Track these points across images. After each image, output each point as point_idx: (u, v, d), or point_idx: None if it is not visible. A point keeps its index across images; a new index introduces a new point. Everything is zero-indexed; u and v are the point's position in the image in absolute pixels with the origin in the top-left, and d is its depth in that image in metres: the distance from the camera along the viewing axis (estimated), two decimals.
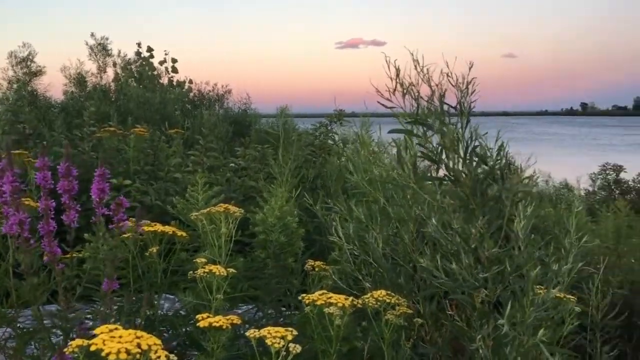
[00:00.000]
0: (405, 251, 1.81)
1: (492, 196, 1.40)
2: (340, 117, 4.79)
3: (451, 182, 1.56)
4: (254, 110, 9.06)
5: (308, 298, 1.35)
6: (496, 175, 1.45)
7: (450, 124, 1.64)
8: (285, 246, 1.96)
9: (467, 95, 1.66)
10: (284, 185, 2.61)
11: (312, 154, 4.42)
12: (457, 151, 1.58)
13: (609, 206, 4.86)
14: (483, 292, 1.36)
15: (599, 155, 26.00)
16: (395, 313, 1.41)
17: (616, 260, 3.77)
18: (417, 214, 1.70)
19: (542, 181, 12.51)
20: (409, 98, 1.74)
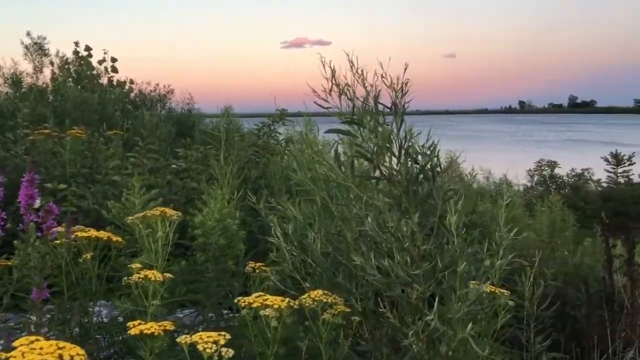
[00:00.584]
0: (347, 250, 1.82)
1: (424, 194, 1.43)
2: (283, 117, 4.79)
3: (386, 181, 1.59)
4: (197, 111, 8.95)
5: (244, 301, 1.35)
6: (428, 174, 1.48)
7: (385, 124, 1.67)
8: (226, 249, 1.94)
9: (401, 96, 1.69)
10: (225, 187, 2.59)
11: (255, 154, 4.40)
12: (392, 150, 1.60)
13: (543, 201, 5.07)
14: (416, 289, 1.39)
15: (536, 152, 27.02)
16: (333, 312, 1.42)
17: (550, 253, 3.93)
18: (355, 213, 1.72)
19: (483, 177, 12.91)
20: (345, 98, 1.76)
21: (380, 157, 1.61)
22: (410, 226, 1.38)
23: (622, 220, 5.10)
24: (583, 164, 11.08)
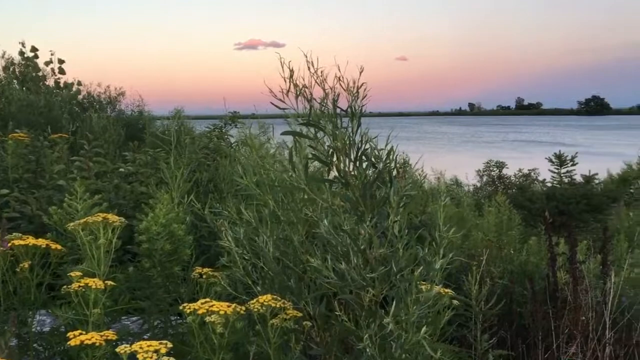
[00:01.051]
0: (295, 254, 1.81)
1: (381, 199, 1.43)
2: (234, 119, 4.73)
3: (342, 185, 1.58)
4: (148, 113, 8.78)
5: (189, 307, 1.32)
6: (385, 179, 1.49)
7: (342, 127, 1.67)
8: (172, 254, 1.90)
9: (357, 99, 1.69)
10: (175, 191, 2.54)
11: (207, 157, 4.33)
12: (348, 154, 1.60)
13: (491, 201, 5.19)
14: (370, 292, 1.39)
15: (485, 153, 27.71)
16: (283, 317, 1.41)
17: (498, 251, 4.02)
18: (307, 216, 1.71)
19: (434, 178, 13.14)
20: (302, 100, 1.75)
21: (336, 160, 1.61)
22: (367, 229, 1.38)
23: (565, 219, 5.27)
24: (530, 165, 11.43)
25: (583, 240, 4.27)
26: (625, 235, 5.32)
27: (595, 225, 5.94)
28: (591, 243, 3.86)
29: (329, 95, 1.54)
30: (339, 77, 1.55)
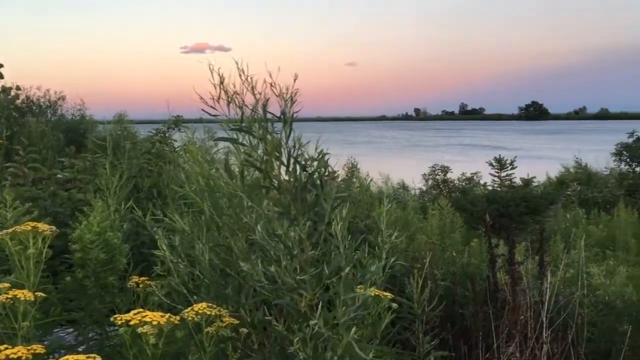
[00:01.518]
0: (236, 261, 1.79)
1: (312, 202, 1.44)
2: (178, 124, 4.65)
3: (276, 190, 1.58)
4: (90, 117, 8.54)
5: (120, 318, 1.28)
6: (316, 182, 1.49)
7: (274, 133, 1.67)
8: (107, 263, 1.84)
9: (290, 105, 1.69)
10: (112, 197, 2.47)
11: (149, 162, 4.23)
12: (280, 159, 1.60)
13: (434, 204, 5.30)
14: (304, 296, 1.39)
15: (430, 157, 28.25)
16: (219, 324, 1.39)
17: (441, 254, 4.10)
18: (244, 223, 1.69)
19: (382, 182, 13.29)
20: (234, 106, 1.74)
21: (269, 166, 1.60)
22: (298, 233, 1.38)
23: (505, 221, 5.44)
24: (473, 168, 11.71)
25: (522, 242, 4.41)
26: (562, 236, 5.55)
27: (535, 227, 6.15)
28: (529, 244, 4.00)
29: (260, 101, 1.54)
30: (270, 83, 1.55)
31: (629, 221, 6.85)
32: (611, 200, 10.44)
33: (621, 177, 12.01)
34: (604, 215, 8.10)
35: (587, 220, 7.72)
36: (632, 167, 12.09)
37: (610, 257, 5.40)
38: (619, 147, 12.24)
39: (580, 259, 3.63)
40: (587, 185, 11.60)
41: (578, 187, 11.16)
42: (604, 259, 5.40)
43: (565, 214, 8.00)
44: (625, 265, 4.75)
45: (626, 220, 6.77)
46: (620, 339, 3.17)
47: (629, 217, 7.12)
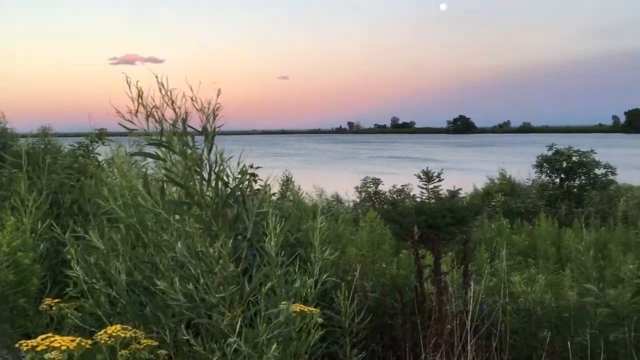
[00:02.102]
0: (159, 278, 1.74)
1: (233, 217, 1.41)
2: (102, 137, 4.48)
3: (196, 205, 1.55)
4: (11, 130, 8.08)
5: (26, 344, 1.21)
6: (238, 197, 1.47)
7: (195, 147, 1.64)
8: (17, 285, 1.74)
9: (212, 119, 1.67)
10: (26, 216, 2.34)
11: (70, 177, 4.05)
12: (201, 174, 1.57)
13: (365, 217, 5.35)
14: (226, 314, 1.36)
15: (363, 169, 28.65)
16: (135, 347, 1.34)
17: (371, 266, 4.15)
18: (165, 239, 1.65)
19: (316, 195, 13.34)
20: (153, 120, 1.70)
21: (189, 181, 1.57)
22: (218, 249, 1.35)
23: (434, 232, 5.57)
24: (404, 180, 11.95)
25: (448, 252, 4.52)
26: (487, 246, 5.74)
27: (461, 237, 6.33)
28: (454, 254, 4.10)
29: (179, 116, 1.51)
30: (191, 97, 1.52)
31: (549, 230, 7.17)
32: (533, 211, 10.93)
33: (542, 188, 12.59)
34: (527, 225, 8.46)
35: (511, 229, 8.03)
36: (552, 178, 12.70)
37: (531, 265, 5.63)
38: (540, 159, 12.82)
39: (503, 268, 3.76)
40: (511, 196, 12.09)
41: (502, 198, 11.62)
42: (526, 267, 5.62)
43: (490, 224, 8.29)
44: (545, 273, 4.96)
45: (546, 230, 7.09)
46: (540, 345, 3.29)
47: (549, 226, 7.46)
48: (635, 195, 10.64)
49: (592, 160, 12.24)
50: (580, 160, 12.23)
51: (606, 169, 12.26)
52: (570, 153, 12.41)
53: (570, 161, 12.32)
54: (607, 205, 10.75)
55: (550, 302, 3.62)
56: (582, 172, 12.27)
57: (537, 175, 13.02)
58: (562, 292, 3.97)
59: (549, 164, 12.57)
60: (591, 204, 11.06)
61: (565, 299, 3.59)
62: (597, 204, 10.98)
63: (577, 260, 4.63)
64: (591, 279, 3.95)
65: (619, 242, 6.59)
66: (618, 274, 4.50)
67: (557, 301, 3.67)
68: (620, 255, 5.46)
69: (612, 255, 5.64)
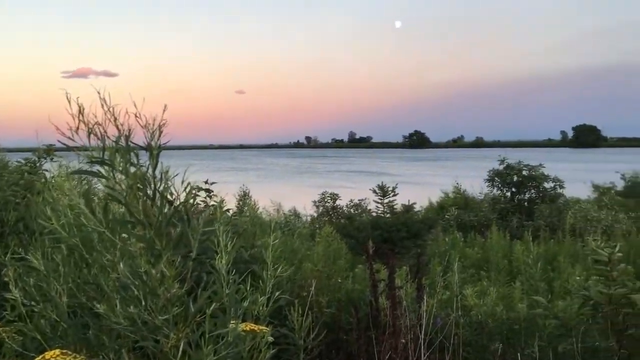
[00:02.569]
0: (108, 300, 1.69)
1: (177, 236, 1.38)
2: (50, 153, 4.35)
3: (139, 224, 1.51)
4: None
5: None
6: (182, 216, 1.44)
7: (139, 165, 1.60)
8: None
9: (157, 136, 1.63)
10: None
11: (16, 194, 3.91)
12: (145, 192, 1.53)
13: (321, 231, 5.36)
14: (172, 337, 1.33)
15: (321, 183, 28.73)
16: None
17: (326, 281, 4.14)
18: (108, 260, 1.60)
19: (273, 209, 13.30)
20: (95, 138, 1.65)
21: (132, 200, 1.53)
22: (161, 269, 1.31)
23: (389, 246, 5.61)
24: (361, 194, 12.05)
25: (403, 266, 4.56)
26: (440, 259, 5.82)
27: (416, 251, 6.40)
28: (408, 268, 4.14)
29: (122, 133, 1.47)
30: (135, 114, 1.49)
31: (501, 243, 7.33)
32: (485, 224, 11.18)
33: (494, 201, 12.89)
34: (479, 238, 8.63)
35: (464, 243, 8.18)
36: (504, 192, 13.02)
37: (484, 278, 5.73)
38: (492, 173, 13.14)
39: (455, 281, 3.82)
40: (464, 210, 12.34)
41: (456, 212, 11.84)
42: (478, 280, 5.72)
43: (445, 237, 8.43)
44: (497, 285, 5.06)
45: (498, 243, 7.24)
46: (492, 357, 3.35)
47: (501, 239, 7.63)
48: (582, 208, 11.01)
49: (541, 174, 12.61)
50: (530, 174, 12.58)
51: (555, 182, 12.65)
52: (520, 167, 12.75)
53: (520, 175, 12.66)
54: (556, 218, 11.07)
55: (501, 314, 3.69)
56: (532, 185, 12.62)
57: (489, 189, 13.32)
58: (512, 304, 4.06)
59: (501, 178, 12.89)
60: (541, 217, 11.37)
61: (516, 311, 3.66)
62: (546, 216, 11.30)
63: (527, 272, 4.74)
64: (540, 291, 4.04)
65: (567, 254, 6.78)
66: (566, 286, 4.62)
67: (508, 313, 3.75)
68: (569, 267, 5.61)
69: (561, 267, 5.80)
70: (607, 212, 10.91)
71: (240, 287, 1.67)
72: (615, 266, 3.15)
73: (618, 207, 12.08)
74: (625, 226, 10.00)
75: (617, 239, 7.97)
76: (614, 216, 10.68)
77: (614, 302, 3.07)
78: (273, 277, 1.90)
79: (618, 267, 3.17)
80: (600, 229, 9.47)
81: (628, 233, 9.04)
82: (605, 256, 3.14)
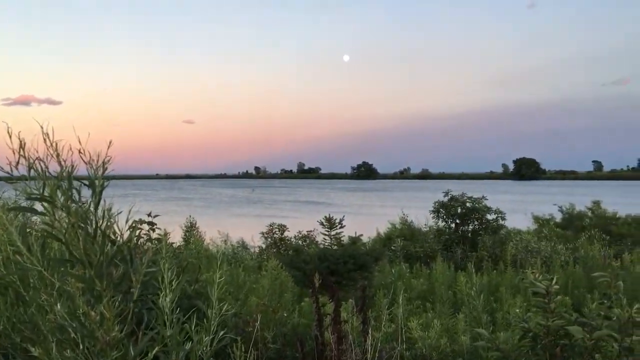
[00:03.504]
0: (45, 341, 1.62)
1: (119, 277, 1.35)
2: None
3: (80, 264, 1.47)
4: None
5: None
6: (125, 256, 1.42)
7: (80, 202, 1.57)
8: None
9: (102, 172, 1.61)
10: None
11: None
12: (86, 230, 1.50)
13: (267, 264, 5.32)
14: None
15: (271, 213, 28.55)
16: None
17: (272, 315, 4.10)
18: (45, 299, 1.54)
19: (220, 241, 13.10)
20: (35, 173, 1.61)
21: (72, 238, 1.49)
22: (101, 311, 1.28)
23: (336, 278, 5.62)
24: (310, 225, 12.03)
25: (349, 299, 4.57)
26: (386, 291, 5.86)
27: (363, 283, 6.42)
28: (354, 301, 4.15)
29: (65, 169, 1.44)
30: (79, 149, 1.47)
31: (446, 274, 7.45)
32: (431, 255, 11.37)
33: (439, 232, 13.14)
34: (425, 269, 8.76)
35: (410, 274, 8.28)
36: (448, 223, 13.29)
37: (429, 309, 5.80)
38: (437, 205, 13.41)
39: (400, 314, 3.85)
40: (410, 241, 12.51)
41: (402, 243, 11.99)
42: (424, 311, 5.79)
43: (391, 268, 8.51)
44: (442, 317, 5.13)
45: (443, 274, 7.36)
46: None
47: (446, 270, 7.76)
48: (523, 239, 11.35)
49: (484, 206, 12.96)
50: (473, 206, 12.91)
51: (497, 214, 13.02)
52: (464, 199, 13.08)
53: (464, 207, 12.97)
54: (498, 249, 11.37)
55: (445, 347, 3.75)
56: (475, 217, 12.95)
57: (435, 220, 13.57)
58: (456, 336, 4.12)
59: (445, 209, 13.16)
60: (484, 248, 11.65)
61: (459, 344, 3.72)
62: (489, 247, 11.59)
63: (470, 304, 4.83)
64: (483, 323, 4.12)
65: (509, 284, 6.96)
66: (508, 317, 4.73)
67: (452, 346, 3.80)
68: (510, 298, 5.75)
69: (503, 297, 5.94)
70: (547, 243, 11.28)
71: (185, 326, 1.64)
72: (553, 298, 3.25)
73: (557, 238, 12.52)
74: (564, 257, 10.37)
75: (556, 270, 8.24)
76: (553, 247, 11.05)
77: (552, 334, 3.16)
78: (218, 316, 1.87)
79: (555, 299, 3.28)
80: (540, 260, 9.77)
81: (566, 263, 9.37)
82: (543, 288, 3.24)
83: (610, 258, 9.66)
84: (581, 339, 2.97)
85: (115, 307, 1.34)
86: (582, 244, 11.86)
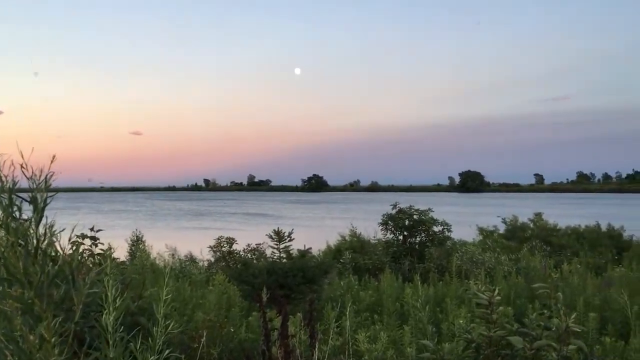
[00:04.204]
0: None
1: (60, 297, 1.33)
2: None
3: (19, 284, 1.44)
4: None
5: None
6: (67, 276, 1.39)
7: (20, 220, 1.53)
8: None
9: (43, 189, 1.58)
10: None
11: None
12: (27, 249, 1.47)
13: (214, 279, 5.29)
14: None
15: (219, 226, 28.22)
16: None
17: (219, 331, 4.07)
18: None
19: (168, 255, 12.85)
20: None
21: (11, 257, 1.46)
22: (40, 334, 1.26)
23: (285, 292, 5.62)
24: (259, 238, 11.95)
25: (298, 313, 4.58)
26: (335, 304, 5.90)
27: (312, 296, 6.44)
28: (302, 315, 4.16)
29: (6, 185, 1.42)
30: (21, 164, 1.44)
31: (393, 286, 7.56)
32: (379, 267, 11.50)
33: (387, 244, 13.31)
34: (373, 281, 8.86)
35: (359, 286, 8.36)
36: (396, 235, 13.49)
37: (377, 321, 5.87)
38: (385, 217, 13.59)
39: (347, 326, 3.89)
40: (360, 253, 12.62)
41: (351, 255, 12.08)
42: (372, 323, 5.86)
43: (340, 281, 8.57)
44: (389, 329, 5.21)
45: (390, 286, 7.47)
46: None
47: (394, 281, 7.87)
48: (468, 250, 11.64)
49: (431, 218, 13.23)
50: (420, 218, 13.15)
51: (443, 226, 13.30)
52: (411, 212, 13.31)
53: (411, 219, 13.20)
54: (444, 260, 11.61)
55: (391, 359, 3.81)
56: (422, 229, 13.19)
57: (383, 232, 13.73)
58: (402, 348, 4.20)
59: (393, 221, 13.35)
60: (431, 260, 11.88)
61: (405, 356, 3.79)
62: (436, 259, 11.82)
63: (416, 315, 4.92)
64: (428, 334, 4.21)
65: (454, 295, 7.12)
66: (453, 328, 4.85)
67: (398, 358, 3.87)
68: (455, 309, 5.89)
69: (448, 308, 6.08)
70: (491, 254, 11.60)
71: (130, 344, 1.62)
72: (495, 309, 3.36)
73: (500, 249, 12.90)
74: (507, 267, 10.68)
75: (499, 280, 8.48)
76: (497, 258, 11.38)
77: (494, 344, 3.26)
78: (164, 334, 1.85)
79: (497, 310, 3.39)
80: (484, 271, 10.04)
81: (509, 274, 9.66)
82: (486, 299, 3.35)
83: (551, 268, 10.02)
84: (522, 348, 3.08)
85: (55, 329, 1.31)
86: (524, 254, 12.26)
